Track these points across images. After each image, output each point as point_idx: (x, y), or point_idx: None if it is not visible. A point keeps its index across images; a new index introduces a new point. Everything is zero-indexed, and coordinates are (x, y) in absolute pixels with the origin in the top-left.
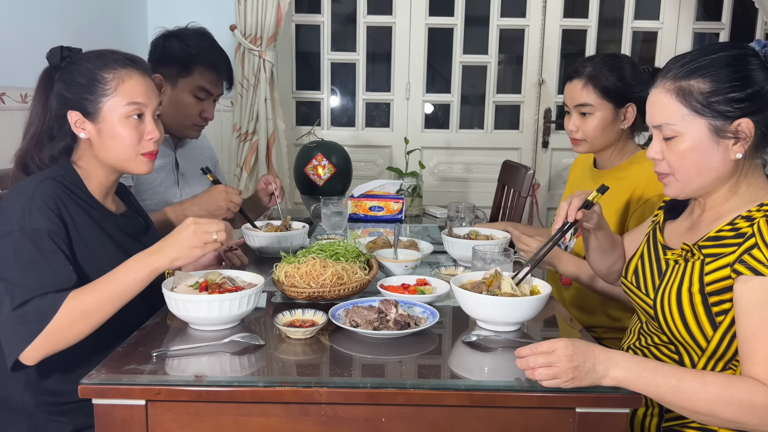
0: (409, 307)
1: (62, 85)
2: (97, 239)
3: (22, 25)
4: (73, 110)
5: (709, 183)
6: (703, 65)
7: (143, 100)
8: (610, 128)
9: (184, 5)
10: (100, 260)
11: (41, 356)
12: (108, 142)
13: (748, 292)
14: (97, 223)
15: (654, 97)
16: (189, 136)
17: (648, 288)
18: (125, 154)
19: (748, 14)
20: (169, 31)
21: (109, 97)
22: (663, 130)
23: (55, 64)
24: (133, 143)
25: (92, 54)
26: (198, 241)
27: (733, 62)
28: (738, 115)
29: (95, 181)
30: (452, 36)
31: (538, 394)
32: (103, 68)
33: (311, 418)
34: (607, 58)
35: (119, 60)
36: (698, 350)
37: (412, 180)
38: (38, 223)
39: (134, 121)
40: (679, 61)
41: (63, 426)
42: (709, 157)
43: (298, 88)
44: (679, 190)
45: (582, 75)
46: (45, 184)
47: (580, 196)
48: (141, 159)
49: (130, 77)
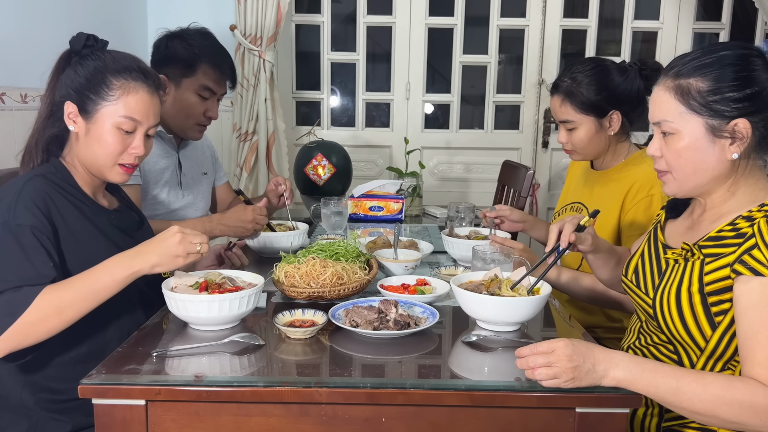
0: (409, 307)
1: (73, 72)
2: (88, 235)
3: (23, 26)
4: (72, 102)
5: (705, 182)
6: (704, 64)
7: (140, 117)
8: (597, 138)
9: (184, 5)
10: (92, 256)
11: (9, 350)
12: (92, 143)
13: (747, 292)
14: (89, 219)
15: (655, 95)
16: (192, 137)
17: (647, 287)
18: (104, 160)
19: (748, 14)
20: (172, 32)
21: (110, 102)
22: (662, 127)
23: (76, 49)
24: (115, 153)
25: (112, 54)
26: (182, 250)
27: (735, 62)
28: (735, 115)
29: (83, 179)
30: (452, 36)
31: (538, 394)
32: (116, 73)
33: (311, 418)
34: (585, 69)
35: (133, 70)
36: (697, 350)
37: (412, 180)
38: (22, 219)
39: (123, 134)
40: (681, 59)
41: (62, 425)
42: (705, 156)
43: (298, 88)
44: (677, 189)
45: (559, 91)
46: (35, 181)
47: (572, 222)
48: (117, 169)
49: (137, 91)
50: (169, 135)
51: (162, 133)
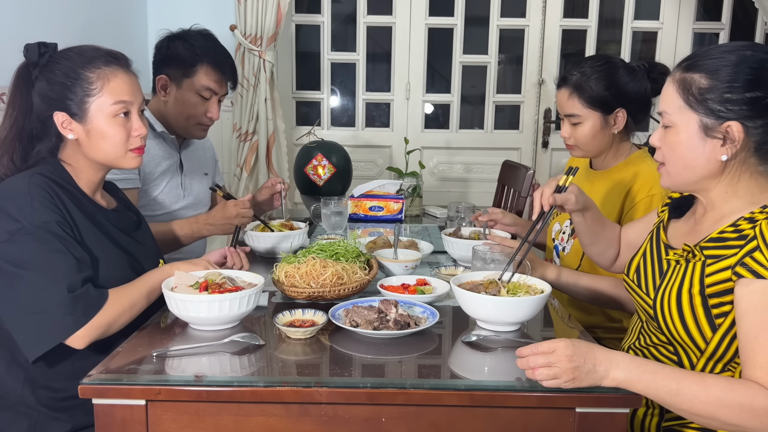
0: (409, 307)
1: (44, 84)
2: (91, 233)
3: (23, 26)
4: (59, 111)
5: (695, 179)
6: (711, 61)
7: (129, 97)
8: (600, 135)
9: (184, 6)
10: (95, 254)
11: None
12: (97, 142)
13: (749, 295)
14: (91, 218)
15: (666, 84)
16: (195, 136)
17: (648, 287)
18: (115, 152)
19: (748, 14)
20: (173, 33)
21: (95, 96)
22: (663, 118)
23: (33, 61)
24: (122, 141)
25: (73, 51)
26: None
27: (740, 63)
28: (730, 117)
29: (84, 177)
30: (452, 36)
31: (538, 394)
32: (86, 66)
33: (311, 418)
34: (595, 65)
35: (102, 57)
36: (697, 351)
37: (412, 180)
38: (45, 217)
39: (121, 119)
40: (698, 53)
41: (62, 425)
42: (695, 153)
43: (298, 88)
44: (669, 182)
45: (568, 84)
46: (36, 179)
47: (551, 184)
48: (130, 155)
49: (115, 75)
50: (172, 136)
51: (164, 134)
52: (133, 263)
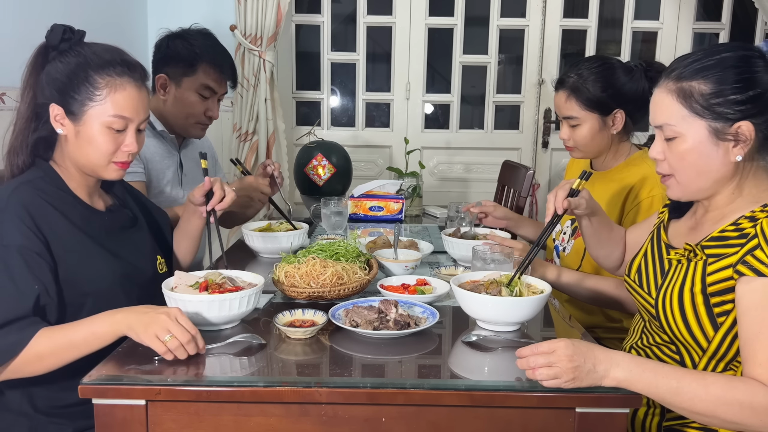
0: (409, 307)
1: (53, 71)
2: (76, 243)
3: (23, 26)
4: (57, 104)
5: (709, 185)
6: (706, 66)
7: (130, 114)
8: (599, 136)
9: (184, 5)
10: (82, 264)
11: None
12: (83, 145)
13: (750, 293)
14: (77, 226)
15: (656, 97)
16: (194, 135)
17: (650, 287)
18: (98, 160)
19: (748, 14)
20: (173, 32)
21: (97, 103)
22: (664, 130)
23: (53, 44)
24: (108, 152)
25: (92, 48)
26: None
27: (736, 64)
28: (738, 118)
29: (75, 180)
30: (452, 36)
31: (538, 394)
32: (99, 70)
33: (311, 418)
34: (592, 66)
35: (117, 65)
36: (699, 350)
37: (412, 180)
38: (9, 239)
39: (114, 132)
40: (683, 62)
41: (63, 428)
42: (709, 159)
43: (298, 88)
44: (681, 193)
45: (565, 87)
46: (19, 192)
47: (565, 187)
48: (112, 167)
49: (124, 88)
50: (171, 135)
51: (164, 133)
52: (124, 266)
